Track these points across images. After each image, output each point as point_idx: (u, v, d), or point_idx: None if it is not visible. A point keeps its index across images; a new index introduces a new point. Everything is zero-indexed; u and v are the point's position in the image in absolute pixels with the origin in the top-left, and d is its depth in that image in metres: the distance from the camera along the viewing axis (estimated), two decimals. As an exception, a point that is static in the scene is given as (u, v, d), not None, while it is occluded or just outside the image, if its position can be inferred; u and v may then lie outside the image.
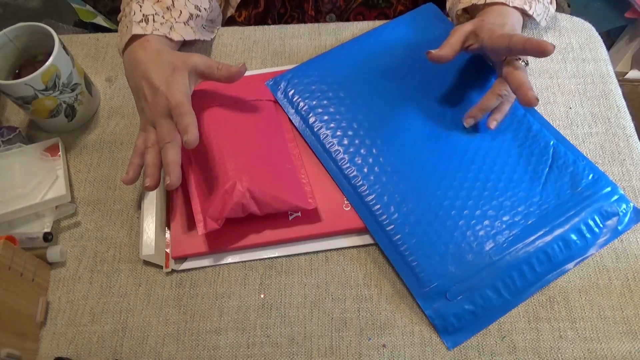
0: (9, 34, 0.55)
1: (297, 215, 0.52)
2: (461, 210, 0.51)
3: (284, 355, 0.47)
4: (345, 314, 0.49)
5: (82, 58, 0.66)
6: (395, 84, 0.60)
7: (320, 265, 0.51)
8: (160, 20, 0.57)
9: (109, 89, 0.64)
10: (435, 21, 0.65)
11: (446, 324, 0.47)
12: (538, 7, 0.59)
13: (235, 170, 0.50)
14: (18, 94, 0.53)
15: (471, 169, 0.53)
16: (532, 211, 0.51)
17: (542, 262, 0.49)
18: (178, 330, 0.49)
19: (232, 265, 0.52)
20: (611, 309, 0.48)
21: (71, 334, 0.49)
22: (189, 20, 0.61)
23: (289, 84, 0.60)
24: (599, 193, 0.52)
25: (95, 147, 0.60)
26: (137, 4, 0.57)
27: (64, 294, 0.51)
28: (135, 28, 0.55)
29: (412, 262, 0.49)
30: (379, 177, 0.53)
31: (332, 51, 0.63)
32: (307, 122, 0.57)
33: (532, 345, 0.47)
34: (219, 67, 0.53)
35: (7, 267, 0.45)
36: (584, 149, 0.56)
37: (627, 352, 0.46)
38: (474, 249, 0.49)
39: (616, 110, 0.59)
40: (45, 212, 0.54)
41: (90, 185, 0.57)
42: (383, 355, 0.47)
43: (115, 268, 0.52)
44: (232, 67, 0.53)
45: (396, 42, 0.63)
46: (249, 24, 0.76)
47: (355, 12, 0.73)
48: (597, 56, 0.63)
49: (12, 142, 0.57)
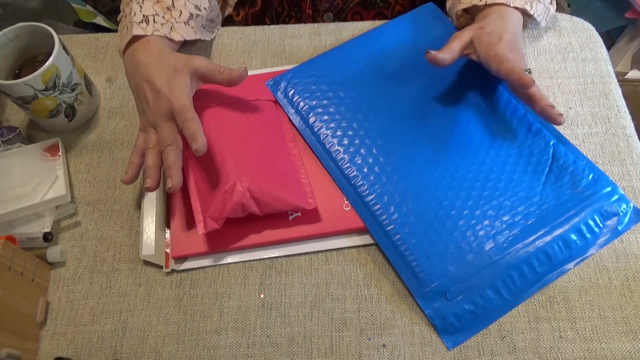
0: (9, 34, 0.55)
1: (297, 215, 0.52)
2: (461, 210, 0.51)
3: (284, 355, 0.47)
4: (345, 314, 0.49)
5: (82, 58, 0.66)
6: (395, 83, 0.60)
7: (320, 265, 0.51)
8: (161, 20, 0.57)
9: (109, 89, 0.64)
10: (436, 21, 0.65)
11: (446, 324, 0.47)
12: (539, 7, 0.59)
13: (236, 170, 0.50)
14: (18, 94, 0.53)
15: (471, 169, 0.53)
16: (532, 211, 0.51)
17: (542, 262, 0.49)
18: (178, 330, 0.49)
19: (232, 265, 0.52)
20: (611, 308, 0.48)
21: (71, 334, 0.49)
22: (190, 20, 0.61)
23: (289, 84, 0.60)
24: (599, 193, 0.52)
25: (95, 147, 0.60)
26: (137, 5, 0.57)
27: (64, 294, 0.51)
28: (136, 29, 0.55)
29: (412, 262, 0.49)
30: (379, 177, 0.53)
31: (332, 51, 0.63)
32: (307, 122, 0.57)
33: (532, 345, 0.47)
34: (221, 70, 0.53)
35: (7, 267, 0.45)
36: (584, 149, 0.56)
37: (627, 352, 0.46)
38: (474, 249, 0.49)
39: (616, 110, 0.59)
40: (45, 212, 0.54)
41: (90, 185, 0.57)
42: (383, 355, 0.47)
43: (115, 268, 0.52)
44: (233, 71, 0.53)
45: (396, 42, 0.63)
46: (247, 23, 0.76)
47: (353, 11, 0.73)
48: (597, 56, 0.63)
49: (12, 142, 0.57)
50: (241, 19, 0.77)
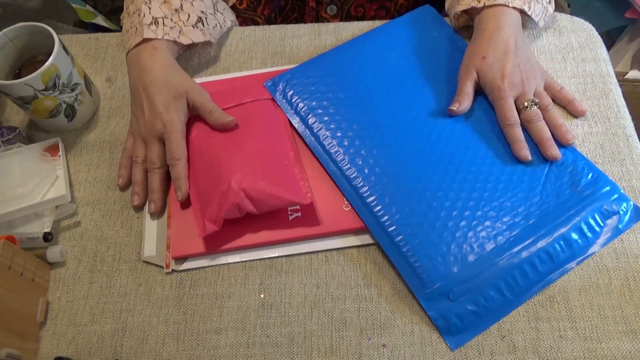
0: (9, 34, 0.55)
1: (297, 216, 0.52)
2: (462, 211, 0.51)
3: (284, 355, 0.47)
4: (345, 313, 0.49)
5: (82, 58, 0.66)
6: (394, 85, 0.60)
7: (320, 265, 0.51)
8: (170, 24, 0.58)
9: (109, 89, 0.64)
10: (433, 23, 0.65)
11: (449, 325, 0.47)
12: (537, 7, 0.59)
13: (230, 172, 0.50)
14: (18, 94, 0.53)
15: (471, 170, 0.53)
16: (533, 211, 0.51)
17: (544, 261, 0.49)
18: (178, 330, 0.49)
19: (232, 265, 0.52)
20: (611, 308, 0.48)
21: (71, 334, 0.49)
22: (198, 22, 0.61)
23: (287, 85, 0.60)
24: (599, 192, 0.52)
25: (95, 147, 0.60)
26: (145, 5, 0.57)
27: (64, 294, 0.51)
28: (147, 32, 0.55)
29: (414, 262, 0.49)
30: (380, 178, 0.53)
31: (331, 52, 0.63)
32: (307, 123, 0.57)
33: (532, 344, 0.47)
34: (212, 111, 0.55)
35: (7, 267, 0.45)
36: (583, 149, 0.56)
37: (627, 351, 0.46)
38: (475, 249, 0.49)
39: (616, 110, 0.59)
40: (45, 212, 0.54)
41: (90, 185, 0.57)
42: (383, 355, 0.47)
43: (115, 268, 0.52)
44: (222, 117, 0.54)
45: (395, 43, 0.63)
46: (250, 10, 0.76)
47: (356, 3, 0.73)
48: (597, 56, 0.63)
49: (12, 142, 0.57)
50: (245, 6, 0.76)
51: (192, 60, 0.65)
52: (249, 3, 0.75)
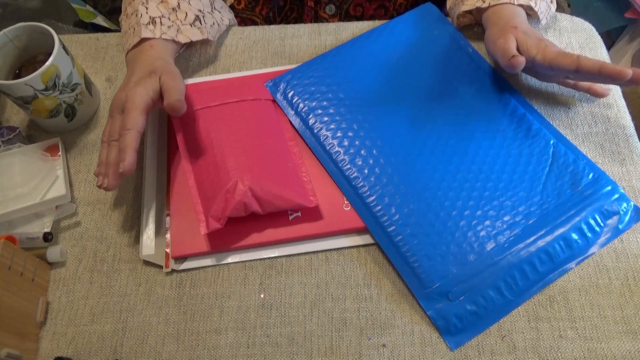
0: (9, 34, 0.55)
1: (297, 215, 0.52)
2: (462, 211, 0.51)
3: (284, 355, 0.47)
4: (345, 313, 0.49)
5: (82, 58, 0.66)
6: (395, 84, 0.60)
7: (320, 265, 0.51)
8: (168, 23, 0.58)
9: (109, 89, 0.64)
10: (435, 21, 0.65)
11: (448, 325, 0.47)
12: (542, 4, 0.60)
13: (237, 170, 0.50)
14: (18, 94, 0.53)
15: (471, 170, 0.53)
16: (533, 211, 0.51)
17: (543, 261, 0.49)
18: (178, 330, 0.49)
19: (232, 265, 0.52)
20: (611, 308, 0.48)
21: (71, 334, 0.49)
22: (195, 21, 0.61)
23: (288, 85, 0.60)
24: (600, 192, 0.52)
25: (95, 147, 0.59)
26: (142, 6, 0.57)
27: (64, 294, 0.51)
28: (145, 31, 0.55)
29: (413, 262, 0.49)
30: (380, 178, 0.53)
31: (331, 52, 0.63)
32: (307, 124, 0.57)
33: (532, 344, 0.47)
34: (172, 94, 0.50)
35: (7, 267, 0.45)
36: (584, 149, 0.56)
37: (627, 351, 0.46)
38: (475, 249, 0.49)
39: (616, 110, 0.59)
40: (45, 212, 0.54)
41: (90, 185, 0.57)
42: (383, 355, 0.47)
43: (115, 268, 0.52)
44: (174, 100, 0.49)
45: (396, 43, 0.63)
46: (248, 9, 0.76)
47: (355, 3, 0.73)
48: (597, 56, 0.63)
49: (12, 142, 0.57)
50: (244, 6, 0.76)
51: (192, 60, 0.65)
52: (247, 3, 0.75)
